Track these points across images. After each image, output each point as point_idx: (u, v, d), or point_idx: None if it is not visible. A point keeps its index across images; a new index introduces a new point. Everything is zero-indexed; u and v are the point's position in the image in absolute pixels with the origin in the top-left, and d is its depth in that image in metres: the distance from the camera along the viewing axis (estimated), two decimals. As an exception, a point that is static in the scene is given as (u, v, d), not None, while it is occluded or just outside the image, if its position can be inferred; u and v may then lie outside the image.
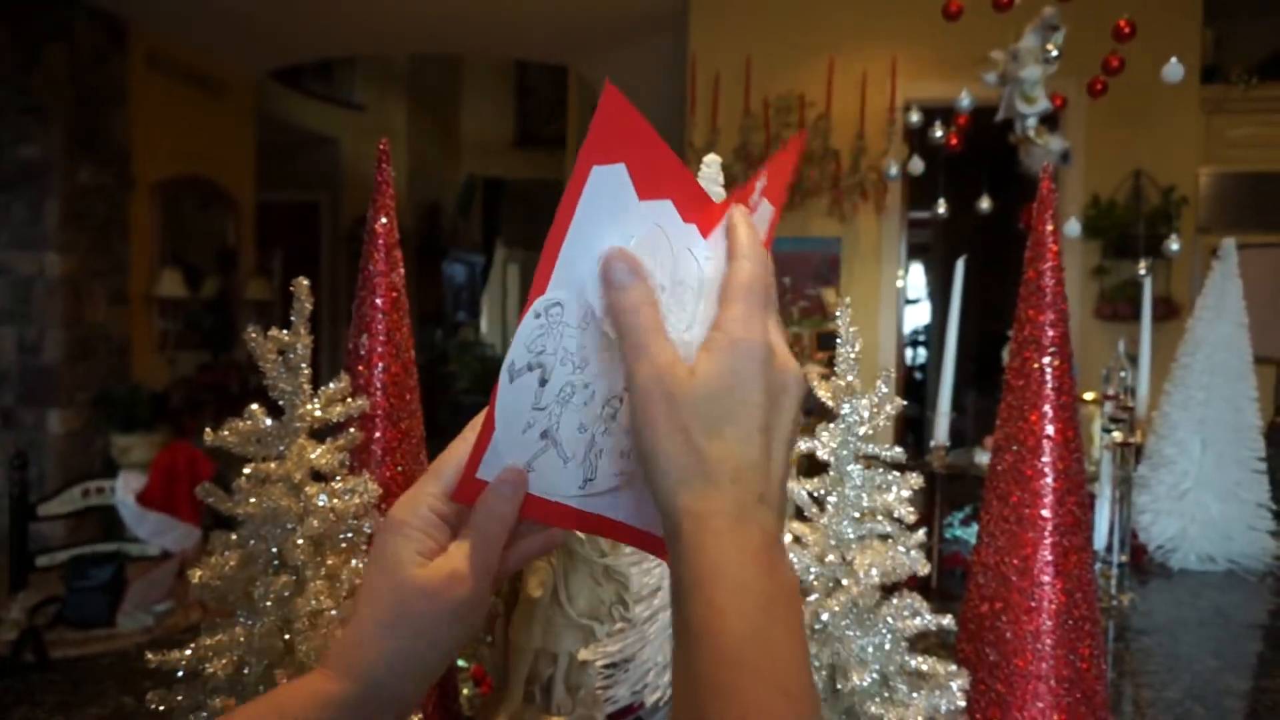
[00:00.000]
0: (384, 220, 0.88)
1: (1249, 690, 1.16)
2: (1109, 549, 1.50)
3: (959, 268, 1.56)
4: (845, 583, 0.68)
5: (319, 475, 0.71)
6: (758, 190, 0.48)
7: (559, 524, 0.51)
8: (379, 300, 0.88)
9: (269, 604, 0.66)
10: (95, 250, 5.05)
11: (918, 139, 3.25)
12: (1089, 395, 1.75)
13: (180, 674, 0.67)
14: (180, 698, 0.67)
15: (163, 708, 0.67)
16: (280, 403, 0.70)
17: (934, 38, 4.22)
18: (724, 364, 0.42)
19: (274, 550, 0.68)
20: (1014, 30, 2.56)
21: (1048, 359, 0.84)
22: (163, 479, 3.29)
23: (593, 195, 0.42)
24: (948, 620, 0.70)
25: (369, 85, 8.12)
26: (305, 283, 0.70)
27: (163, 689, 0.68)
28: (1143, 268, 2.99)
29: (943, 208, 3.13)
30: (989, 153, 3.82)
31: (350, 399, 0.73)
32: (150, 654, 0.67)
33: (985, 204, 3.00)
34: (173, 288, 5.55)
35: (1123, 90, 2.92)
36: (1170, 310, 4.43)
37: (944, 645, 1.18)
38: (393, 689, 0.48)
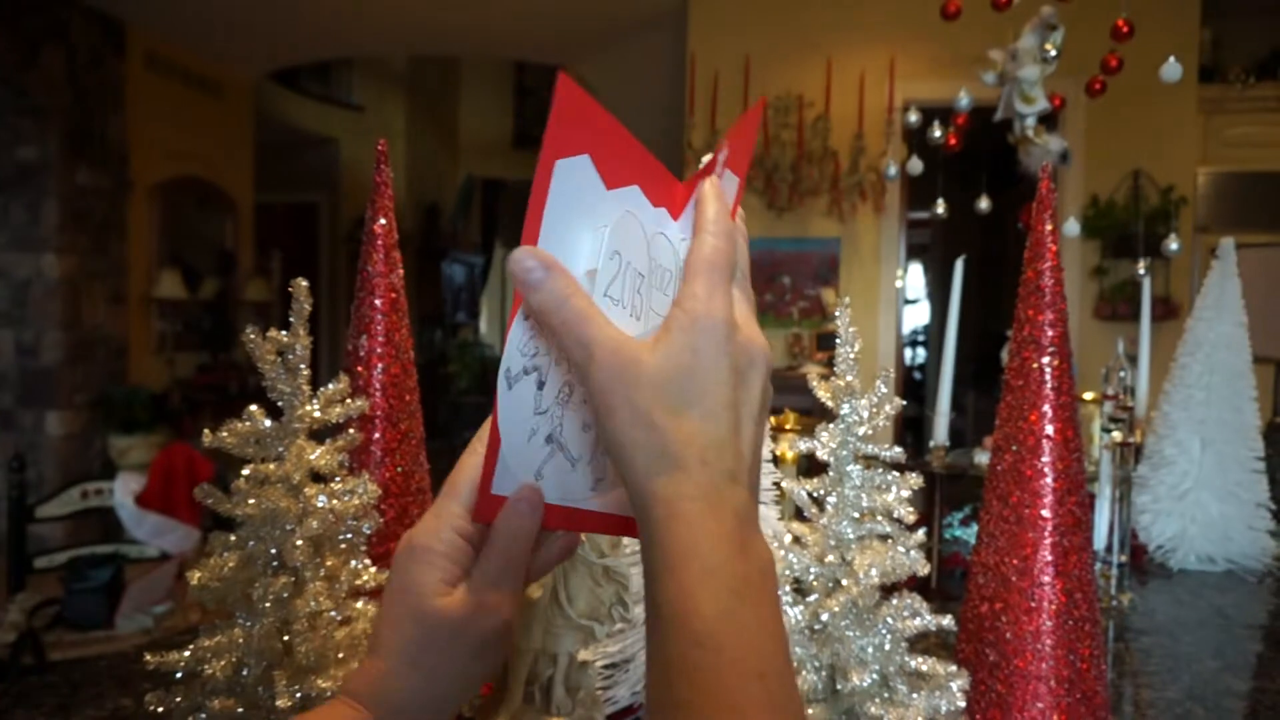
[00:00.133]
0: (383, 221, 0.88)
1: (1249, 691, 1.16)
2: (1109, 549, 1.50)
3: (958, 268, 1.56)
4: (845, 583, 0.68)
5: (318, 476, 0.71)
6: (720, 162, 0.46)
7: (579, 529, 0.50)
8: (378, 301, 0.88)
9: (268, 605, 0.66)
10: (93, 252, 5.05)
11: (916, 139, 3.25)
12: (1088, 395, 1.75)
13: (179, 675, 0.67)
14: (179, 699, 0.67)
15: (161, 709, 0.67)
16: (279, 404, 0.70)
17: (932, 38, 4.23)
18: (683, 342, 0.40)
19: (273, 551, 0.68)
20: (1012, 30, 2.56)
21: (1047, 359, 0.84)
22: (161, 480, 3.29)
23: (560, 190, 0.41)
24: (947, 621, 0.70)
25: (367, 86, 8.13)
26: (304, 284, 0.70)
27: (161, 690, 0.67)
28: (1142, 267, 2.99)
29: (942, 208, 3.13)
30: (988, 153, 3.82)
31: (349, 400, 0.73)
32: (149, 656, 0.67)
33: (984, 204, 3.00)
34: (171, 289, 5.55)
35: (1121, 90, 2.92)
36: (1169, 310, 4.44)
37: (944, 646, 1.18)
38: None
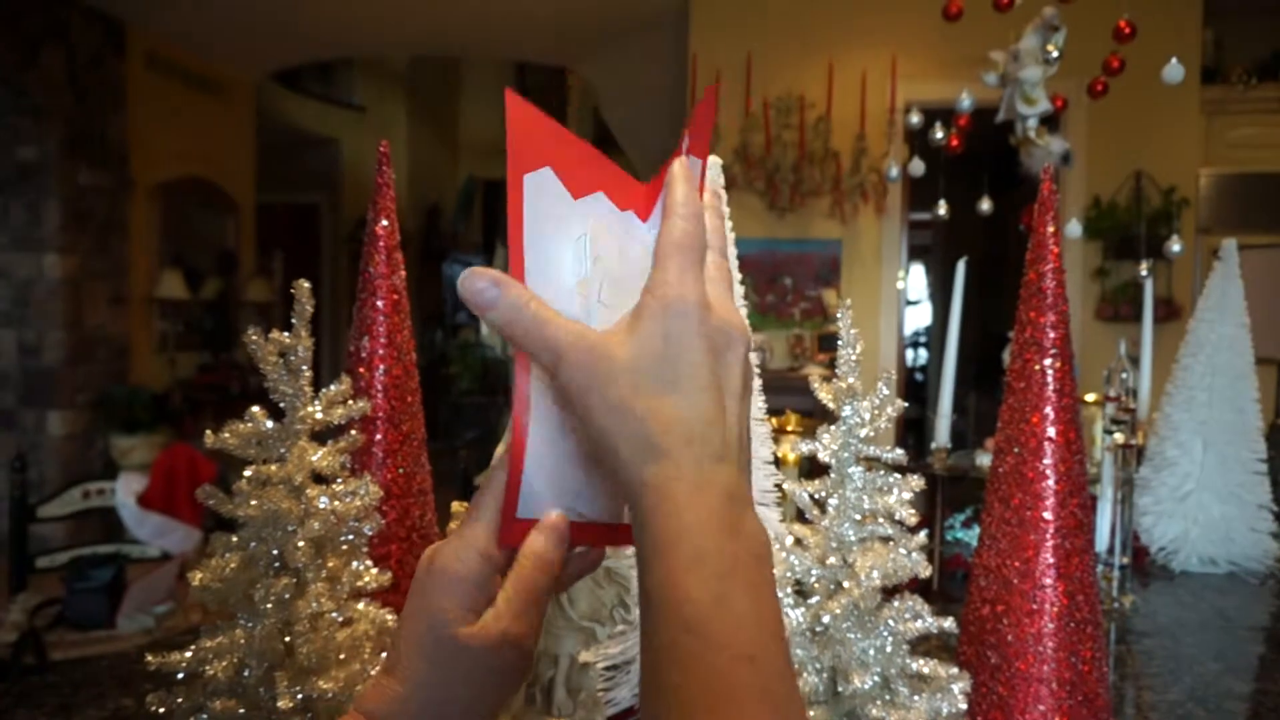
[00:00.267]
0: (385, 223, 0.88)
1: (1250, 693, 1.16)
2: (1110, 551, 1.50)
3: (960, 269, 1.56)
4: (846, 585, 0.68)
5: (320, 477, 0.71)
6: (683, 151, 0.47)
7: (601, 544, 0.49)
8: (380, 303, 0.88)
9: (269, 606, 0.66)
10: (95, 252, 5.05)
11: (918, 140, 3.25)
12: (1090, 397, 1.75)
13: (180, 676, 0.67)
14: (180, 700, 0.67)
15: (162, 710, 0.67)
16: (281, 405, 0.70)
17: (934, 38, 4.23)
18: (655, 328, 0.40)
19: (275, 552, 0.68)
20: (1014, 31, 2.56)
21: (1049, 361, 0.84)
22: (163, 481, 3.29)
23: (532, 203, 0.42)
24: (949, 623, 0.70)
25: (369, 86, 8.13)
26: (306, 285, 0.70)
27: (163, 691, 0.67)
28: (1144, 269, 2.99)
29: (943, 209, 3.13)
30: (989, 154, 3.83)
31: (351, 401, 0.73)
32: (150, 656, 0.67)
33: (986, 205, 3.00)
34: (173, 289, 5.55)
35: (1123, 91, 2.92)
36: (1171, 311, 4.44)
37: (945, 648, 1.18)
38: None
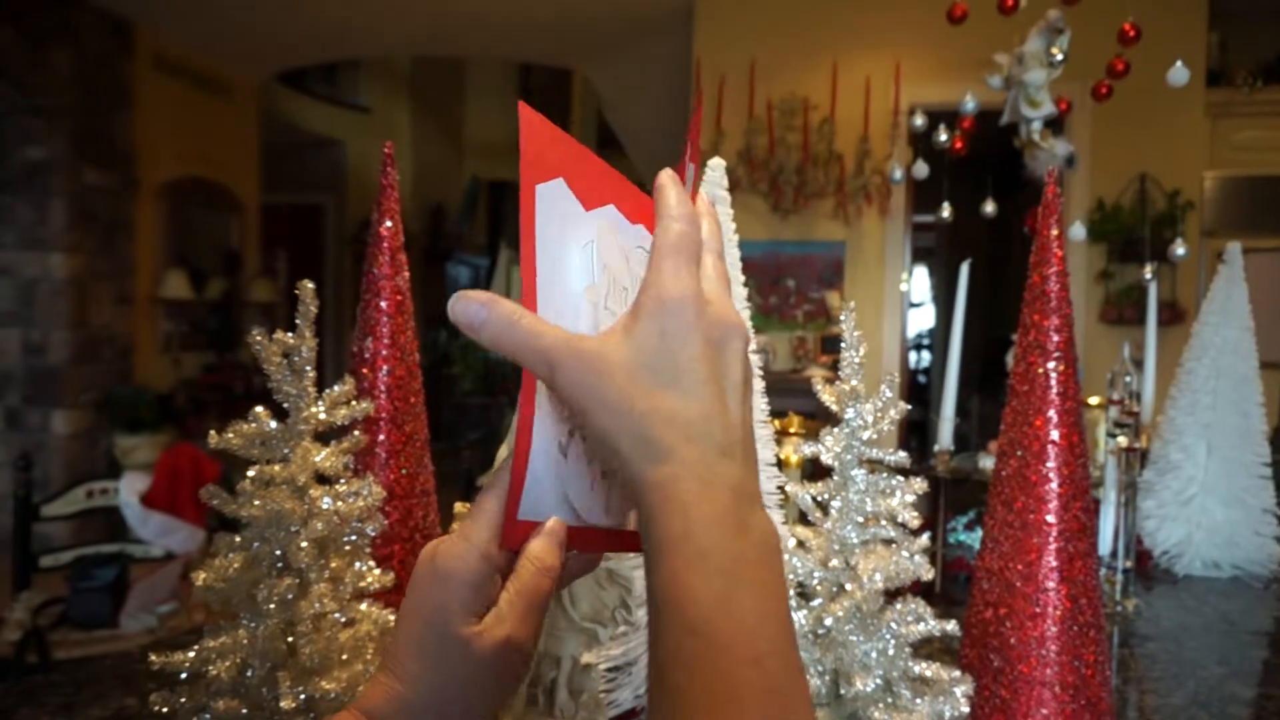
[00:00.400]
0: (389, 224, 0.88)
1: (1254, 697, 1.15)
2: (1114, 554, 1.49)
3: (963, 272, 1.56)
4: (849, 587, 0.68)
5: (323, 478, 0.71)
6: (687, 159, 0.48)
7: (603, 550, 0.49)
8: (384, 304, 0.88)
9: (272, 606, 0.66)
10: (100, 252, 5.06)
11: (922, 142, 3.25)
12: (1094, 400, 1.74)
13: (183, 676, 0.67)
14: (183, 700, 0.67)
15: (165, 709, 0.67)
16: (285, 405, 0.70)
17: (938, 41, 4.22)
18: (652, 326, 0.40)
19: (278, 553, 0.68)
20: (1019, 33, 2.56)
21: (1052, 364, 0.84)
22: (166, 480, 3.29)
23: (545, 213, 0.42)
24: (951, 626, 0.70)
25: (373, 87, 8.14)
26: (310, 285, 0.70)
27: (166, 690, 0.68)
28: (1148, 272, 2.99)
29: (947, 211, 3.13)
30: (994, 157, 3.82)
31: (355, 402, 0.73)
32: (153, 655, 0.67)
33: (990, 208, 3.00)
34: (177, 289, 5.57)
35: (1128, 94, 2.92)
36: (1176, 314, 4.43)
37: (948, 651, 1.18)
38: None
